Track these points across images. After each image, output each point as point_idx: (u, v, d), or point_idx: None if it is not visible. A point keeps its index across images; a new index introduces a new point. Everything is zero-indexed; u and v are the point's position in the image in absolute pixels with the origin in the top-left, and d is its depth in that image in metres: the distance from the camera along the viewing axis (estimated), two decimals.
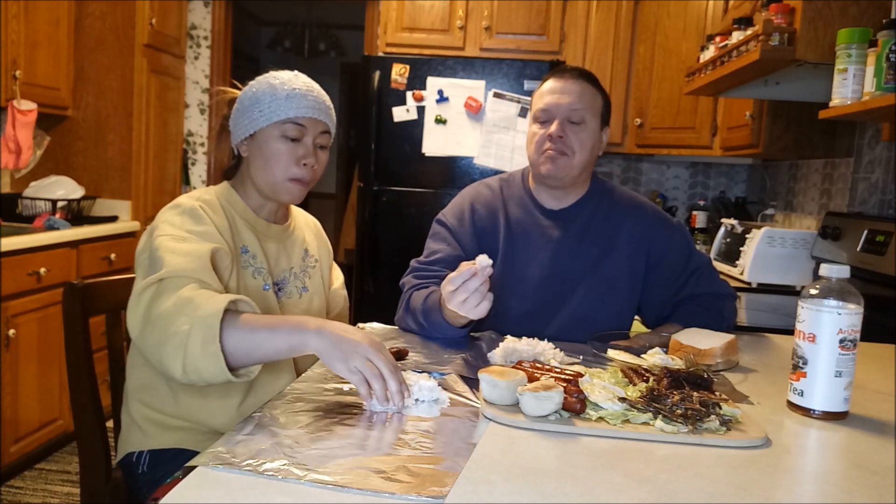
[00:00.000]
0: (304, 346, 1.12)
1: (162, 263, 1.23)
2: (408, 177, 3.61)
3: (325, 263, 1.68)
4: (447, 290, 1.40)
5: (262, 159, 1.43)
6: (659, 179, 4.26)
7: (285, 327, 1.13)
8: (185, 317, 1.13)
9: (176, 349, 1.12)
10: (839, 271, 1.13)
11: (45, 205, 3.28)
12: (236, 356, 1.13)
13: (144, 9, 3.60)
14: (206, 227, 1.34)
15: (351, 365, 1.08)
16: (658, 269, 1.70)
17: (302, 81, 1.45)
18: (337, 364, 1.09)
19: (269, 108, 1.41)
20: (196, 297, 1.15)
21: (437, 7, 3.85)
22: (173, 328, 1.13)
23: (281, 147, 1.42)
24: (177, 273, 1.20)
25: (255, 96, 1.43)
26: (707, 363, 1.37)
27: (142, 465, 1.40)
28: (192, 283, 1.20)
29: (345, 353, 1.09)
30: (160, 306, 1.16)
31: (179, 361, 1.12)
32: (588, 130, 1.64)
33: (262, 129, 1.42)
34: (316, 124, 1.44)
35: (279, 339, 1.12)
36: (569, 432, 1.02)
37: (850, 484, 0.91)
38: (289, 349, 1.13)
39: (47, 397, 2.94)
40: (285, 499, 0.79)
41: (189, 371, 1.12)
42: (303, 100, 1.41)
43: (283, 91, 1.41)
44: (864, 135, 2.73)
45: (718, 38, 2.60)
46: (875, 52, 1.76)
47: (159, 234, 1.30)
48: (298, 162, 1.42)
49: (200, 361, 1.11)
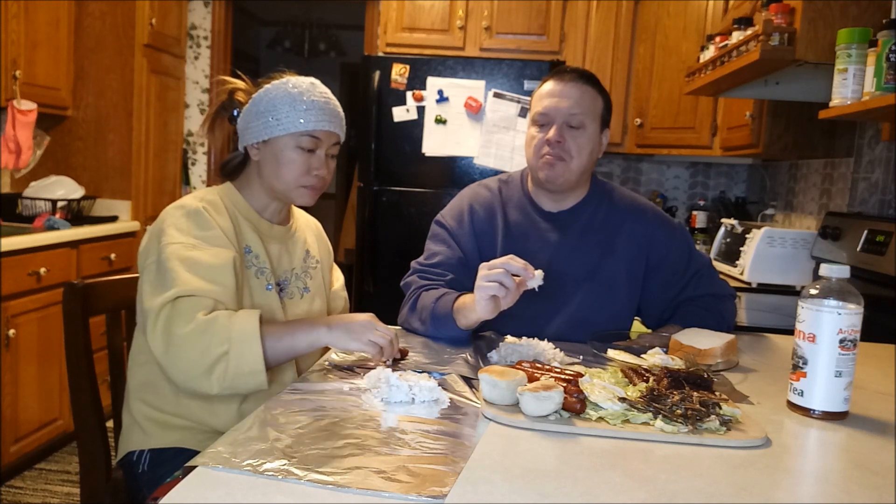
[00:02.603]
0: (319, 341, 1.31)
1: (173, 280, 1.28)
2: (408, 177, 3.61)
3: (326, 264, 1.69)
4: (489, 263, 1.40)
5: (274, 165, 1.44)
6: (659, 179, 4.26)
7: (302, 329, 1.31)
8: (217, 337, 1.22)
9: (211, 369, 1.23)
10: (839, 271, 1.13)
11: (45, 205, 3.28)
12: (267, 362, 1.27)
13: (144, 9, 3.60)
14: (212, 231, 1.36)
15: (365, 339, 1.29)
16: (658, 271, 1.70)
17: (320, 92, 1.46)
18: (353, 345, 1.30)
19: (286, 118, 1.41)
20: (218, 317, 1.25)
21: (437, 7, 3.85)
22: (208, 349, 1.23)
23: (295, 157, 1.43)
24: (190, 292, 1.27)
25: (272, 102, 1.43)
26: (707, 363, 1.37)
27: (142, 465, 1.40)
28: (207, 301, 1.28)
29: (357, 334, 1.30)
30: (181, 328, 1.24)
31: (216, 380, 1.23)
32: (587, 135, 1.64)
33: (279, 138, 1.43)
34: (330, 136, 1.47)
35: (298, 340, 1.30)
36: (569, 432, 1.02)
37: (850, 484, 0.91)
38: (307, 346, 1.31)
39: (47, 397, 2.94)
40: (285, 499, 0.79)
41: (226, 388, 1.25)
42: (321, 113, 1.43)
43: (303, 103, 1.42)
44: (864, 135, 2.73)
45: (718, 38, 2.60)
46: (875, 52, 1.76)
47: (169, 242, 1.32)
48: (310, 172, 1.45)
49: (242, 378, 1.24)
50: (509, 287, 1.36)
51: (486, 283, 1.37)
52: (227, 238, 1.37)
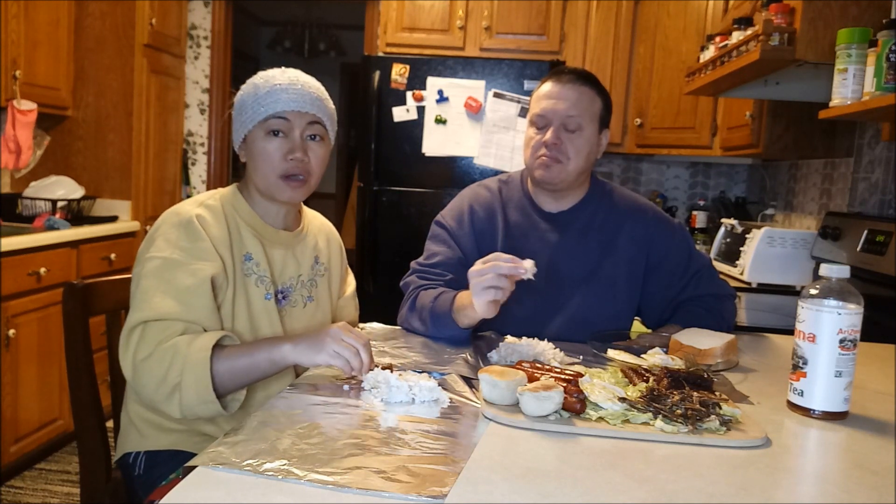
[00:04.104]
0: (284, 359, 1.23)
1: (146, 302, 1.26)
2: (408, 177, 3.61)
3: (336, 272, 1.62)
4: (481, 261, 1.39)
5: (253, 161, 1.40)
6: (659, 179, 4.26)
7: (263, 348, 1.24)
8: (174, 367, 1.21)
9: (169, 397, 1.22)
10: (839, 271, 1.13)
11: (45, 205, 3.28)
12: (225, 386, 1.24)
13: (144, 9, 3.60)
14: (200, 243, 1.32)
15: (330, 350, 1.19)
16: (658, 272, 1.70)
17: (287, 77, 1.40)
18: (319, 357, 1.20)
19: (252, 109, 1.37)
20: (178, 344, 1.23)
21: (437, 7, 3.85)
22: (165, 378, 1.21)
23: (267, 145, 1.38)
24: (160, 316, 1.25)
25: (241, 99, 1.40)
26: (707, 363, 1.37)
27: (138, 467, 1.39)
28: (177, 326, 1.26)
29: (321, 345, 1.20)
30: (144, 354, 1.24)
31: (175, 407, 1.22)
32: (584, 137, 1.64)
33: (251, 132, 1.39)
34: (301, 116, 1.38)
35: (260, 360, 1.23)
36: (569, 432, 1.02)
37: (850, 484, 0.91)
38: (270, 365, 1.24)
39: (47, 397, 2.94)
40: (285, 499, 0.79)
41: (186, 414, 1.23)
42: (283, 93, 1.36)
43: (265, 89, 1.37)
44: (864, 135, 2.73)
45: (718, 38, 2.60)
46: (875, 52, 1.76)
47: (152, 255, 1.30)
48: (285, 157, 1.37)
49: (197, 407, 1.22)
50: (504, 287, 1.37)
51: (482, 289, 1.37)
52: (218, 250, 1.34)
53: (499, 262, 1.37)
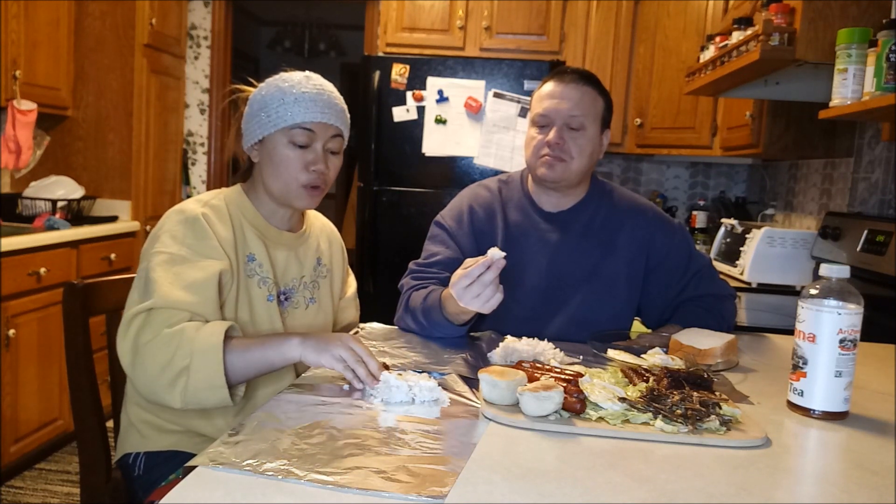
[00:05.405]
0: (291, 352, 1.23)
1: (153, 290, 1.24)
2: (408, 177, 3.61)
3: (337, 273, 1.63)
4: (461, 286, 1.37)
5: (271, 166, 1.39)
6: (659, 179, 4.26)
7: (274, 341, 1.24)
8: (181, 350, 1.19)
9: (173, 382, 1.19)
10: (839, 271, 1.13)
11: (45, 205, 3.28)
12: (234, 377, 1.22)
13: (144, 9, 3.60)
14: (207, 241, 1.32)
15: (335, 353, 1.20)
16: (659, 272, 1.70)
17: (313, 84, 1.39)
18: (323, 357, 1.20)
19: (276, 113, 1.36)
20: (185, 329, 1.21)
21: (437, 7, 3.85)
22: (171, 362, 1.19)
23: (289, 154, 1.37)
24: (167, 304, 1.23)
25: (263, 100, 1.39)
26: (707, 363, 1.37)
27: (138, 468, 1.39)
28: (183, 314, 1.24)
29: (327, 347, 1.21)
30: (147, 337, 1.21)
31: (178, 394, 1.19)
32: (587, 136, 1.64)
33: (271, 135, 1.38)
34: (326, 129, 1.39)
35: (269, 352, 1.23)
36: (569, 432, 1.02)
37: (850, 484, 0.91)
38: (280, 358, 1.24)
39: (47, 397, 2.94)
40: (285, 499, 0.79)
41: (189, 402, 1.20)
42: (311, 104, 1.36)
43: (292, 95, 1.36)
44: (864, 135, 2.73)
45: (718, 38, 2.60)
46: (875, 52, 1.76)
47: (158, 250, 1.29)
48: (307, 168, 1.38)
49: (204, 393, 1.19)
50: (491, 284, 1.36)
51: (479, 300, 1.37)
52: (223, 248, 1.33)
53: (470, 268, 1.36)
